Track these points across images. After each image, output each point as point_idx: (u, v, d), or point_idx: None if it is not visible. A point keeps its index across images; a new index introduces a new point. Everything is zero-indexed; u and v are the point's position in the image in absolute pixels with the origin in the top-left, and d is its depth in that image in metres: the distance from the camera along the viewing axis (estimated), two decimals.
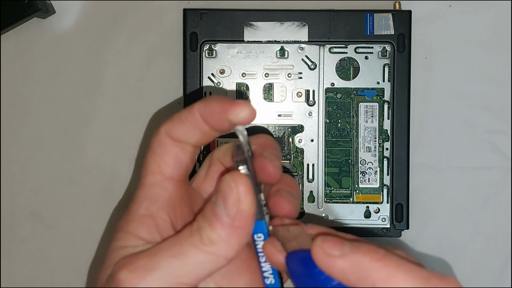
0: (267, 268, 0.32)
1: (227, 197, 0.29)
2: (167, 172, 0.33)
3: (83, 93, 0.55)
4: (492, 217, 0.55)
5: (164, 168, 0.33)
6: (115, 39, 0.55)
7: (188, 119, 0.33)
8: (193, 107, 0.33)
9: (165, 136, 0.33)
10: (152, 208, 0.32)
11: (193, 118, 0.33)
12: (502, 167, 0.55)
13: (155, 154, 0.33)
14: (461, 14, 0.54)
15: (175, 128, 0.33)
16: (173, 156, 0.33)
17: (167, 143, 0.33)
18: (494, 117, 0.55)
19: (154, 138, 0.33)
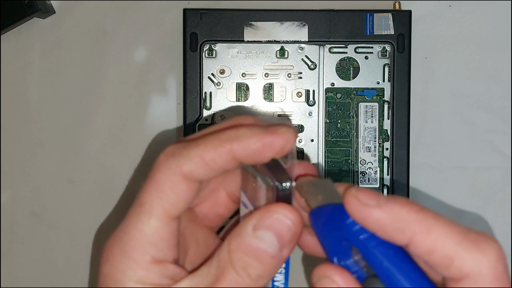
0: (280, 278, 0.30)
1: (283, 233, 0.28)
2: (175, 215, 0.29)
3: (83, 93, 0.55)
4: (492, 217, 0.55)
5: (173, 212, 0.29)
6: (115, 39, 0.55)
7: (216, 162, 0.28)
8: (223, 147, 0.28)
9: (177, 174, 0.28)
10: (160, 255, 0.29)
11: (221, 159, 0.28)
12: (502, 167, 0.55)
13: (165, 196, 0.28)
14: (461, 14, 0.54)
15: (194, 171, 0.28)
16: (186, 200, 0.29)
17: (177, 181, 0.28)
18: (494, 117, 0.55)
19: (162, 173, 0.29)
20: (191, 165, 0.28)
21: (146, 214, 0.28)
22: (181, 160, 0.28)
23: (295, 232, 0.28)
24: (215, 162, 0.28)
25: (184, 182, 0.28)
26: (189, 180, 0.28)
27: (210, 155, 0.28)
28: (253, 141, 0.28)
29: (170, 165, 0.28)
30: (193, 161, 0.28)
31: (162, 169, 0.29)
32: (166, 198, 0.28)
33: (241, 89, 0.52)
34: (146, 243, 0.28)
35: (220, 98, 0.52)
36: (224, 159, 0.28)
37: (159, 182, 0.29)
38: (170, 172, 0.28)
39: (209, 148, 0.28)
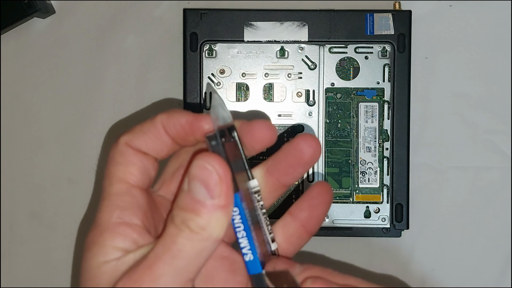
0: (245, 244, 0.31)
1: (208, 180, 0.28)
2: (132, 180, 0.31)
3: (82, 93, 0.55)
4: (492, 217, 0.55)
5: (129, 176, 0.31)
6: (115, 39, 0.55)
7: (150, 130, 0.31)
8: (156, 119, 0.31)
9: (126, 146, 0.31)
10: (124, 216, 0.30)
11: (155, 129, 0.31)
12: (502, 167, 0.55)
13: (118, 164, 0.31)
14: (461, 14, 0.54)
15: (136, 139, 0.31)
16: (137, 165, 0.31)
17: (129, 153, 0.31)
18: (494, 117, 0.55)
19: (114, 149, 0.32)
20: (130, 135, 0.31)
21: (107, 185, 0.31)
22: (127, 135, 0.32)
23: (221, 178, 0.29)
24: (151, 131, 0.31)
25: (130, 150, 0.31)
26: (137, 151, 0.31)
27: (147, 126, 0.31)
28: (178, 115, 0.31)
29: (118, 139, 0.32)
30: (132, 131, 0.31)
31: (114, 144, 0.32)
32: (118, 165, 0.31)
33: (241, 89, 0.52)
34: (111, 205, 0.31)
35: None
36: (157, 129, 0.31)
37: (112, 154, 0.32)
38: (118, 144, 0.31)
39: (147, 121, 0.32)
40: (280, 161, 0.33)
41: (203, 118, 0.31)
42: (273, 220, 0.33)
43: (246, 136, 0.32)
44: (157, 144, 0.32)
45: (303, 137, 0.32)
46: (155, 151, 0.32)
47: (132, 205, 0.31)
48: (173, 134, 0.31)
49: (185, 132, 0.31)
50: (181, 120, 0.31)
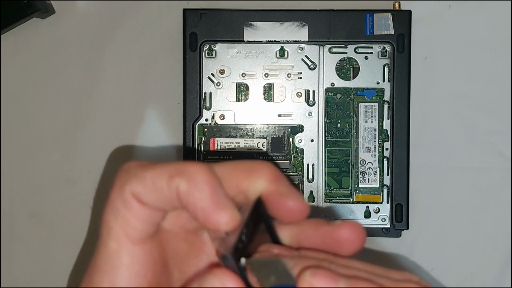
0: None
1: None
2: (135, 237, 0.27)
3: (82, 93, 0.55)
4: (492, 218, 0.55)
5: (131, 232, 0.26)
6: (115, 39, 0.55)
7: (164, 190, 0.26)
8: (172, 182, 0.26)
9: (132, 198, 0.26)
10: (119, 282, 0.26)
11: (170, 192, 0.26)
12: (502, 168, 0.55)
13: (120, 215, 0.26)
14: (461, 14, 0.54)
15: (146, 194, 0.26)
16: (143, 220, 0.27)
17: (135, 207, 0.26)
18: (494, 118, 0.55)
19: (117, 196, 0.26)
20: (140, 187, 0.26)
21: (105, 237, 0.27)
22: (132, 179, 0.26)
23: None
24: (163, 193, 0.26)
25: (135, 202, 0.26)
26: (142, 203, 0.26)
27: (161, 182, 0.26)
28: (198, 200, 0.25)
29: (122, 183, 0.26)
30: (143, 183, 0.26)
31: (116, 188, 0.27)
32: (120, 218, 0.26)
33: (241, 89, 0.52)
34: (106, 266, 0.27)
35: (220, 98, 0.52)
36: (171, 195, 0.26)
37: (113, 201, 0.27)
38: (122, 190, 0.26)
39: (161, 177, 0.26)
40: (314, 247, 0.27)
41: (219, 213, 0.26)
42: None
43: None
44: (171, 204, 0.26)
45: (349, 230, 0.27)
46: (167, 207, 0.27)
47: (130, 268, 0.27)
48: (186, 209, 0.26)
49: (198, 216, 0.26)
50: (197, 203, 0.26)
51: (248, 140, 0.52)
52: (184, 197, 0.26)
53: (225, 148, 0.52)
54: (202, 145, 0.52)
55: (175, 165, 0.26)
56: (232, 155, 0.52)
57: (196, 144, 0.52)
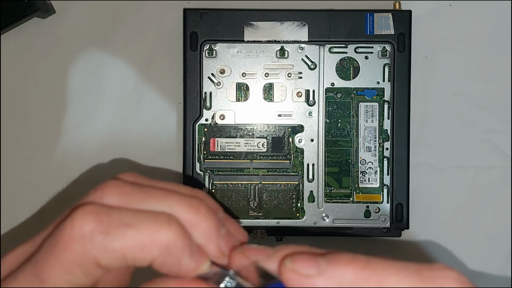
0: None
1: None
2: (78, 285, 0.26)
3: (83, 93, 0.55)
4: (492, 217, 0.55)
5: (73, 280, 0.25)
6: (115, 39, 0.55)
7: (134, 264, 0.26)
8: (146, 258, 0.25)
9: (96, 267, 0.25)
10: None
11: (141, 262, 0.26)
12: (502, 167, 0.55)
13: (71, 275, 0.25)
14: (461, 14, 0.54)
15: (110, 265, 0.25)
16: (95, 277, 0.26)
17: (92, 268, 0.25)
18: (494, 117, 0.55)
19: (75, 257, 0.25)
20: (110, 260, 0.25)
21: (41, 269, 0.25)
22: (101, 252, 0.25)
23: None
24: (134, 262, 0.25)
25: (99, 269, 0.25)
26: (102, 267, 0.25)
27: (134, 256, 0.25)
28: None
29: (86, 254, 0.25)
30: (113, 256, 0.25)
31: (75, 253, 0.25)
32: (76, 281, 0.25)
33: (241, 89, 0.52)
34: None
35: (220, 98, 0.52)
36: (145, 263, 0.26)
37: (69, 264, 0.25)
38: (85, 260, 0.25)
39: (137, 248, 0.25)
40: None
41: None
42: None
43: None
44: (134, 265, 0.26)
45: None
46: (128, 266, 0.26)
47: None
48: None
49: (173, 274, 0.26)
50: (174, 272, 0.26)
51: (248, 140, 0.52)
52: (160, 266, 0.25)
53: (225, 148, 0.52)
54: (202, 145, 0.52)
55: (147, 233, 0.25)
56: (232, 155, 0.52)
57: (196, 144, 0.52)
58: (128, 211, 0.26)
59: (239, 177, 0.53)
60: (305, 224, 0.52)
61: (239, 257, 0.27)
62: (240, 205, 0.52)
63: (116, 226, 0.25)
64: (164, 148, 0.55)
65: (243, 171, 0.52)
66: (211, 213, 0.27)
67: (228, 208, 0.52)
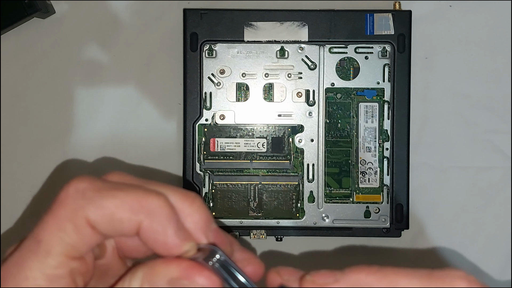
0: None
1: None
2: (76, 256, 0.26)
3: (83, 93, 0.55)
4: (493, 217, 0.55)
5: (74, 253, 0.26)
6: (115, 39, 0.55)
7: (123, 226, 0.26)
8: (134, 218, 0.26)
9: (85, 225, 0.26)
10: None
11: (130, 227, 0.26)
12: (503, 167, 0.55)
13: (67, 238, 0.26)
14: (461, 14, 0.54)
15: (101, 224, 0.26)
16: (90, 244, 0.26)
17: (82, 225, 0.26)
18: (495, 117, 0.55)
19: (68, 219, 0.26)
20: (98, 217, 0.26)
21: (43, 253, 0.26)
22: (90, 206, 0.26)
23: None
24: (122, 225, 0.26)
25: (89, 228, 0.26)
26: (94, 229, 0.26)
27: (122, 216, 0.26)
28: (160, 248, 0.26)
29: (77, 207, 0.26)
30: (102, 213, 0.26)
31: (68, 208, 0.26)
32: (67, 239, 0.26)
33: (241, 89, 0.52)
34: (42, 282, 0.26)
35: (220, 98, 0.52)
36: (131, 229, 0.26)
37: (61, 220, 0.26)
38: (76, 214, 0.26)
39: (125, 208, 0.26)
40: None
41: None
42: None
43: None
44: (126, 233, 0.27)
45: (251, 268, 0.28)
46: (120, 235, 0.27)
47: (70, 279, 0.26)
48: (145, 242, 0.27)
49: (160, 249, 0.27)
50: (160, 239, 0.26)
51: (248, 140, 0.52)
52: (145, 233, 0.26)
53: (225, 148, 0.52)
54: (202, 145, 0.52)
55: (136, 197, 0.26)
56: (232, 156, 0.52)
57: (196, 144, 0.52)
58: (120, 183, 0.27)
59: (239, 178, 0.53)
60: (305, 224, 0.52)
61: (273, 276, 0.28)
62: (240, 205, 0.52)
63: (107, 189, 0.26)
64: (164, 148, 0.55)
65: (243, 172, 0.52)
66: (205, 208, 0.28)
67: (228, 208, 0.52)
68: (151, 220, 0.26)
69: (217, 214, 0.52)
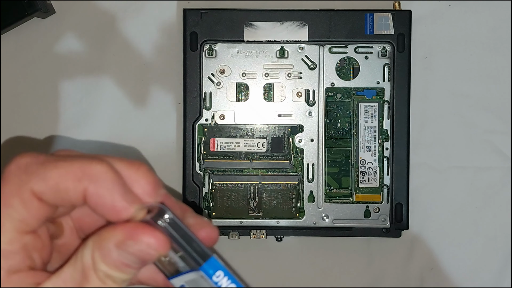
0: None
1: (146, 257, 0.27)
2: (28, 229, 0.27)
3: (83, 93, 0.55)
4: (492, 217, 0.55)
5: (25, 227, 0.27)
6: (115, 39, 0.55)
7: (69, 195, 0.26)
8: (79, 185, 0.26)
9: (31, 197, 0.26)
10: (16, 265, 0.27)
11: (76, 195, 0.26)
12: (502, 167, 0.55)
13: (15, 213, 0.26)
14: (461, 14, 0.54)
15: (47, 194, 0.26)
16: (39, 218, 0.27)
17: (28, 198, 0.26)
18: (494, 117, 0.55)
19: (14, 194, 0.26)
20: (43, 187, 0.26)
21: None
22: (33, 179, 0.26)
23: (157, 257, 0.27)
24: (68, 193, 0.26)
25: (36, 200, 0.26)
26: (41, 201, 0.26)
27: (67, 185, 0.26)
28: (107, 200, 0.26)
29: (21, 182, 0.26)
30: (46, 184, 0.26)
31: (12, 183, 0.27)
32: (15, 215, 0.26)
33: (241, 89, 0.52)
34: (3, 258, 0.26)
35: (220, 98, 0.52)
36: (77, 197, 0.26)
37: (7, 196, 0.26)
38: (21, 189, 0.26)
39: (69, 177, 0.26)
40: None
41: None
42: None
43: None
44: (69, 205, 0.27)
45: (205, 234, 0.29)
46: (68, 205, 0.28)
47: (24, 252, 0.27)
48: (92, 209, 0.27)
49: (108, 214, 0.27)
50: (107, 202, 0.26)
51: (248, 140, 0.52)
52: (91, 198, 0.26)
53: (225, 148, 0.52)
54: (202, 145, 0.52)
55: (78, 165, 0.26)
56: (232, 155, 0.52)
57: (196, 144, 0.52)
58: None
59: (239, 177, 0.53)
60: (305, 224, 0.52)
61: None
62: (240, 205, 0.52)
63: (50, 161, 0.27)
64: (164, 148, 0.55)
65: (243, 171, 0.52)
66: (152, 173, 0.28)
67: (228, 208, 0.52)
68: (96, 186, 0.26)
69: (217, 214, 0.52)
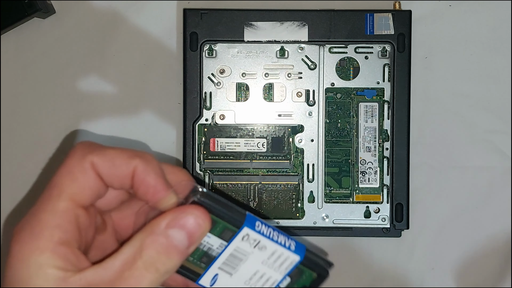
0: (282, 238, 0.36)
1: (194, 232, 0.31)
2: (83, 202, 0.31)
3: (83, 93, 0.55)
4: (492, 217, 0.55)
5: (81, 198, 0.31)
6: (115, 39, 0.55)
7: (121, 168, 0.31)
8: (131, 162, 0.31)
9: (90, 167, 0.31)
10: (67, 238, 0.30)
11: (126, 170, 0.31)
12: (502, 167, 0.55)
13: (76, 181, 0.30)
14: (461, 14, 0.54)
15: (104, 167, 0.31)
16: (94, 190, 0.31)
17: (91, 175, 0.31)
18: (494, 117, 0.55)
19: (76, 162, 0.31)
20: (101, 160, 0.31)
21: (55, 197, 0.30)
22: (94, 153, 0.31)
23: (204, 232, 0.31)
24: (120, 170, 0.31)
25: (93, 171, 0.31)
26: (97, 174, 0.31)
27: (119, 161, 0.31)
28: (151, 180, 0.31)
29: (84, 155, 0.31)
30: (104, 157, 0.31)
31: (76, 156, 0.31)
32: (76, 182, 0.30)
33: (241, 89, 0.52)
34: (54, 224, 0.30)
35: (220, 98, 0.52)
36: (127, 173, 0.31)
37: (70, 166, 0.31)
38: (83, 160, 0.31)
39: (122, 156, 0.31)
40: None
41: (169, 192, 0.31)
42: None
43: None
44: (119, 181, 0.31)
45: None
46: (117, 184, 0.31)
47: (75, 228, 0.30)
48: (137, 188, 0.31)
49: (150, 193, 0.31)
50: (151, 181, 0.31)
51: (248, 140, 0.52)
52: (139, 175, 0.31)
53: (225, 148, 0.52)
54: (202, 145, 0.52)
55: (131, 150, 0.31)
56: (232, 155, 0.52)
57: (196, 144, 0.52)
58: None
59: (239, 177, 0.53)
60: (305, 224, 0.52)
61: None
62: (240, 205, 0.52)
63: (107, 146, 0.31)
64: (164, 148, 0.55)
65: (243, 171, 0.52)
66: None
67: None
68: (145, 164, 0.31)
69: None
